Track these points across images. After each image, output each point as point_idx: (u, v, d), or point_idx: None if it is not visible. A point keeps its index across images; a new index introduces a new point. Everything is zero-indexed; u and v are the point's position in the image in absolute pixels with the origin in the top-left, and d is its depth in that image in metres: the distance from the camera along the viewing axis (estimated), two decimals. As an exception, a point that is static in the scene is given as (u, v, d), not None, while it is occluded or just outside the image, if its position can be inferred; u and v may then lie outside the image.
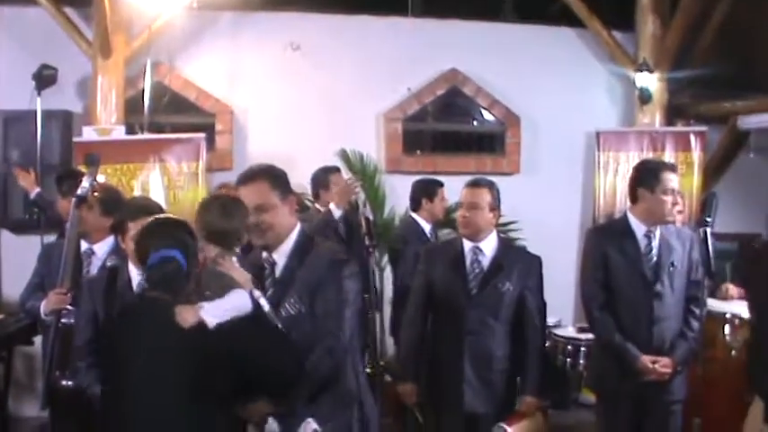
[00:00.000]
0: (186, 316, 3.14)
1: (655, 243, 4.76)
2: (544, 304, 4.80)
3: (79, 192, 4.62)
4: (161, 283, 3.24)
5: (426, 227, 6.90)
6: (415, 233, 6.82)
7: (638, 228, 4.79)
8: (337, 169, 7.03)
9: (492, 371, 4.65)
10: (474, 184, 4.83)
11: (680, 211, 5.79)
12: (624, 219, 4.91)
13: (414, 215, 6.97)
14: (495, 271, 4.69)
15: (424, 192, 6.97)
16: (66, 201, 5.56)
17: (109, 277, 4.02)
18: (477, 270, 4.72)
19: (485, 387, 4.65)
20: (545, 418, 5.58)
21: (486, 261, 4.73)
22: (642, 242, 4.77)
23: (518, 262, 4.78)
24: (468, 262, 4.74)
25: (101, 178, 5.33)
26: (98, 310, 4.05)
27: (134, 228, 3.94)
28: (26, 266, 5.29)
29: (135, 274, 4.11)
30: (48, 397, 4.35)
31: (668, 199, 4.70)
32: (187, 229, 3.40)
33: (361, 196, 8.02)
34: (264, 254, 3.73)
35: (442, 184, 7.06)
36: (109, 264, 4.15)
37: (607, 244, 4.83)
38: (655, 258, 4.74)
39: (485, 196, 4.74)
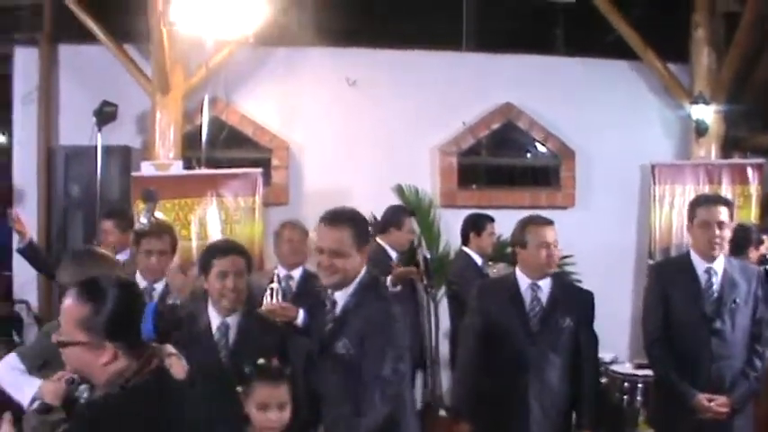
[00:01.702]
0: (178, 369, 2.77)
1: (716, 279, 4.68)
2: (596, 338, 4.75)
3: (137, 227, 4.65)
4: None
5: (479, 260, 6.91)
6: (470, 267, 6.83)
7: (699, 264, 4.72)
8: (412, 213, 7.06)
9: (554, 406, 4.60)
10: (547, 223, 4.73)
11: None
12: (686, 254, 4.86)
13: (466, 249, 7.01)
14: (554, 307, 4.65)
15: (473, 226, 7.01)
16: (124, 236, 5.65)
17: (181, 321, 3.70)
18: (537, 307, 4.66)
19: (548, 422, 4.59)
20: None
21: (544, 297, 4.67)
22: (702, 278, 4.70)
23: (574, 297, 4.76)
24: (527, 299, 4.68)
25: (158, 215, 5.39)
26: None
27: (220, 266, 3.93)
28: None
29: (215, 317, 3.98)
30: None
31: (707, 231, 4.64)
32: None
33: (417, 231, 8.06)
34: (329, 291, 3.82)
35: (492, 220, 7.06)
36: (170, 302, 4.17)
37: (667, 280, 4.81)
38: (716, 295, 4.66)
39: (555, 234, 4.69)
